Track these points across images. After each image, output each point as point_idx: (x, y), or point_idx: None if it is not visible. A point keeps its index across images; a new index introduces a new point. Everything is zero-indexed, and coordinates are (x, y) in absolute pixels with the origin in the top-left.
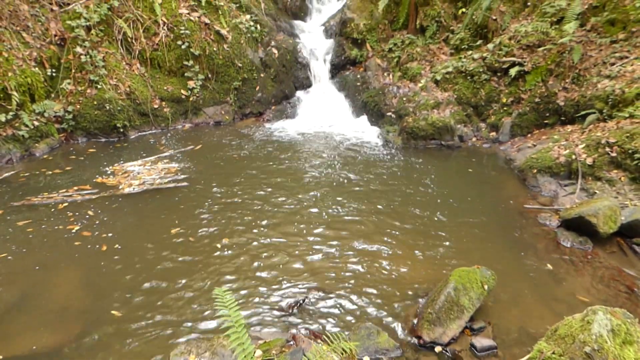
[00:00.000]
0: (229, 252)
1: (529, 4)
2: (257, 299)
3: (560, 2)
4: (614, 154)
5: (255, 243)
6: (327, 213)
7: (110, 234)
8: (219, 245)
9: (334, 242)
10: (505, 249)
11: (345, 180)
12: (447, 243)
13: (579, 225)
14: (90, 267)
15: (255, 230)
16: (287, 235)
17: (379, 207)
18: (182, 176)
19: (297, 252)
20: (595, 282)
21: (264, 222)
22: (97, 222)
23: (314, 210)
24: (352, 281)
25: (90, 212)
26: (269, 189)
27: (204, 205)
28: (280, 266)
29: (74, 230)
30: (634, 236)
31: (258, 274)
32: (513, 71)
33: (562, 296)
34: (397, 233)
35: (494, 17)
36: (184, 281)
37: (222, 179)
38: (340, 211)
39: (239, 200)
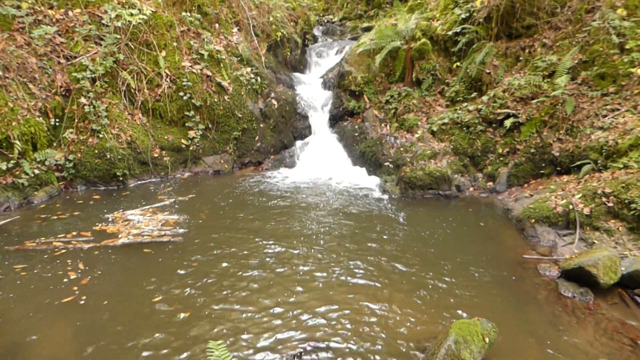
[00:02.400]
0: (217, 319)
1: (521, 58)
2: (251, 353)
3: (551, 57)
4: (610, 204)
5: (249, 308)
6: (323, 267)
7: (99, 288)
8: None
9: (330, 296)
10: (506, 300)
11: (342, 233)
12: (446, 295)
13: (579, 276)
14: (78, 320)
15: (249, 290)
16: (280, 293)
17: (376, 259)
18: (180, 230)
19: (292, 305)
20: (598, 335)
21: (259, 280)
22: (88, 276)
23: (309, 264)
24: (349, 336)
25: (81, 265)
26: (265, 244)
27: (195, 266)
28: (277, 322)
29: (65, 280)
30: (635, 287)
31: (253, 334)
32: (508, 122)
33: (565, 349)
34: (394, 285)
35: (488, 71)
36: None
37: (217, 233)
38: (336, 266)
39: (234, 260)
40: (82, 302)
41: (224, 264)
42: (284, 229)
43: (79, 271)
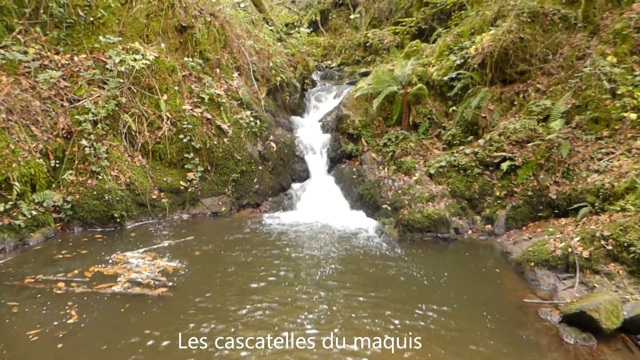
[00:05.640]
0: None
1: (515, 102)
2: None
3: (545, 102)
4: (609, 247)
5: None
6: (318, 319)
7: (81, 337)
8: None
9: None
10: (507, 346)
11: (340, 279)
12: (446, 340)
13: (580, 321)
14: None
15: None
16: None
17: (373, 304)
18: (173, 283)
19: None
20: None
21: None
22: (69, 328)
23: (304, 318)
24: None
25: (73, 312)
26: (260, 298)
27: (182, 329)
28: None
29: (55, 322)
30: (638, 332)
31: None
32: (504, 165)
33: None
34: (391, 331)
35: (484, 115)
36: None
37: (212, 285)
38: (331, 314)
39: (224, 317)
40: (60, 345)
41: (217, 320)
42: (278, 277)
43: (67, 317)
